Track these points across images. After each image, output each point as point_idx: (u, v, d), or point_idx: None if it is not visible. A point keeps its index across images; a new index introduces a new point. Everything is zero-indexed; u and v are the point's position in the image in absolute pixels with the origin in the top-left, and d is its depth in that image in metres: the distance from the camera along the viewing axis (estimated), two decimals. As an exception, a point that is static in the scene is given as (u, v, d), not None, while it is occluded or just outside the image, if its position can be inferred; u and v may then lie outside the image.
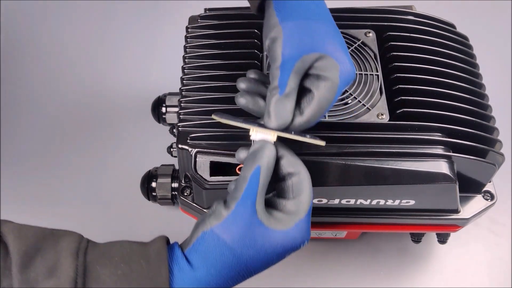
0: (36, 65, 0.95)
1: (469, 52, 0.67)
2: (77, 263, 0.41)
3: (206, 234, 0.44)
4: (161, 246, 0.44)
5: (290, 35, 0.48)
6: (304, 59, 0.47)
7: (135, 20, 1.01)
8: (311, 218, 0.47)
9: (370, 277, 0.74)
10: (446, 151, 0.57)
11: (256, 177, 0.45)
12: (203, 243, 0.44)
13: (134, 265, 0.42)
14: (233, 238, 0.44)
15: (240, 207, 0.44)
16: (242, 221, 0.44)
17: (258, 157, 0.45)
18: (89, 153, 0.85)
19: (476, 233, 0.77)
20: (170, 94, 0.76)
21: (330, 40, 0.49)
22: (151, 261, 0.43)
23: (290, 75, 0.47)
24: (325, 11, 0.51)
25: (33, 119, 0.89)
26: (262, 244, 0.44)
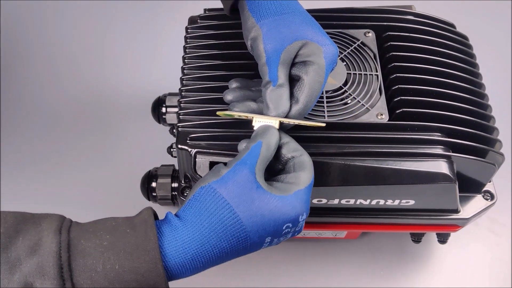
0: (36, 65, 0.95)
1: (469, 52, 0.67)
2: (60, 238, 0.40)
3: (203, 188, 0.44)
4: (147, 215, 0.43)
5: (268, 31, 0.50)
6: (287, 50, 0.49)
7: (135, 20, 1.01)
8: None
9: (370, 277, 0.74)
10: (446, 151, 0.57)
11: (258, 148, 0.46)
12: (199, 198, 0.44)
13: (120, 235, 0.41)
14: (230, 194, 0.43)
15: (239, 166, 0.44)
16: (241, 179, 0.44)
17: (260, 135, 0.47)
18: (89, 153, 0.85)
19: (476, 233, 0.77)
20: (170, 94, 0.76)
21: (308, 27, 0.51)
22: (137, 229, 0.41)
23: (278, 68, 0.49)
24: (296, 4, 0.53)
25: (33, 120, 0.89)
26: (259, 205, 0.43)
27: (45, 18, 1.01)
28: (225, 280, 0.74)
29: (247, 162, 0.45)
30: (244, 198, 0.43)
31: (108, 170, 0.83)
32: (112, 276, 0.39)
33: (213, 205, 0.43)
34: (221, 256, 0.44)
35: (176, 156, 0.65)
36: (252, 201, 0.43)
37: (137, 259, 0.40)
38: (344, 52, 0.64)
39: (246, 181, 0.44)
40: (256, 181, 0.44)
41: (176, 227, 0.43)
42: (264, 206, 0.43)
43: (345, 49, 0.65)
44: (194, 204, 0.44)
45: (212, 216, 0.43)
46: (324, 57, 0.50)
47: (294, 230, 0.46)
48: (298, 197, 0.45)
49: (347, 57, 0.64)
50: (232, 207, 0.43)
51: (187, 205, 0.44)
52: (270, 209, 0.43)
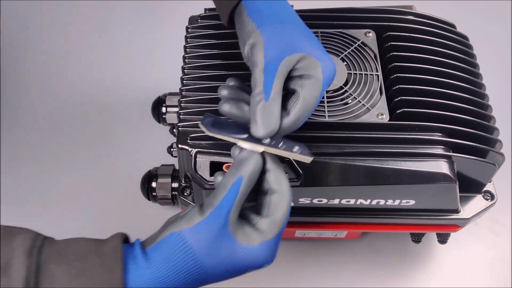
0: (36, 65, 0.95)
1: (469, 52, 0.67)
2: (30, 261, 0.40)
3: (173, 235, 0.43)
4: (117, 243, 0.43)
5: (269, 38, 0.49)
6: (286, 61, 0.48)
7: (135, 20, 1.01)
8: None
9: (370, 277, 0.74)
10: (446, 151, 0.57)
11: (236, 187, 0.44)
12: (169, 244, 0.43)
13: (89, 263, 0.41)
14: (199, 245, 0.43)
15: (213, 216, 0.43)
16: (212, 230, 0.43)
17: (242, 167, 0.45)
18: (89, 153, 0.85)
19: (476, 233, 0.77)
20: (170, 94, 0.76)
21: (307, 40, 0.50)
22: (105, 259, 0.42)
23: (275, 78, 0.47)
24: (294, 14, 0.52)
25: (33, 120, 0.89)
26: (225, 257, 0.44)
27: (45, 18, 1.01)
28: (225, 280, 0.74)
29: (222, 211, 0.44)
30: (213, 250, 0.43)
31: (108, 169, 0.83)
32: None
33: (181, 254, 0.43)
34: None
35: (176, 156, 0.65)
36: (219, 253, 0.44)
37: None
38: (344, 52, 0.64)
39: (218, 232, 0.43)
40: (228, 230, 0.44)
41: (141, 266, 0.43)
42: (230, 257, 0.44)
43: (345, 49, 0.65)
44: (163, 248, 0.43)
45: (178, 264, 0.43)
46: (322, 72, 0.48)
47: None
48: (264, 248, 0.45)
49: (347, 57, 0.64)
50: (199, 258, 0.43)
51: (156, 246, 0.44)
52: (235, 260, 0.44)
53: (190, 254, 0.43)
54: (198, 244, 0.43)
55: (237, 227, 0.45)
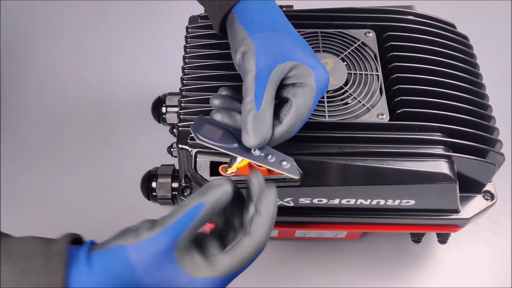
0: (36, 65, 0.95)
1: (469, 52, 0.67)
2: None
3: (118, 247, 0.42)
4: (64, 244, 0.42)
5: (261, 46, 0.48)
6: (278, 69, 0.47)
7: (135, 20, 1.01)
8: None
9: (370, 277, 0.74)
10: (446, 151, 0.57)
11: (194, 213, 0.42)
12: (112, 255, 0.42)
13: (33, 263, 0.41)
14: (140, 263, 0.42)
15: (160, 236, 0.42)
16: (156, 251, 0.42)
17: (207, 193, 0.43)
18: (89, 153, 0.85)
19: (476, 233, 0.77)
20: (170, 94, 0.76)
21: (300, 49, 0.49)
22: (50, 259, 0.41)
23: (266, 87, 0.46)
24: (287, 22, 0.51)
25: (33, 120, 0.89)
26: (164, 280, 0.42)
27: (45, 18, 1.01)
28: None
29: (170, 234, 0.42)
30: (153, 271, 0.42)
31: (108, 169, 0.83)
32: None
33: (121, 268, 0.42)
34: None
35: (176, 156, 0.65)
36: (158, 275, 0.42)
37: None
38: (344, 52, 0.64)
39: (162, 255, 0.42)
40: (172, 255, 0.42)
41: (82, 271, 0.42)
42: (170, 282, 0.42)
43: (345, 49, 0.65)
44: (106, 257, 0.42)
45: (116, 277, 0.42)
46: (315, 80, 0.48)
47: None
48: (209, 284, 0.42)
49: (347, 57, 0.64)
50: (137, 276, 0.42)
51: (100, 254, 0.43)
52: (173, 286, 0.42)
53: (129, 270, 0.42)
54: (140, 261, 0.42)
55: (185, 253, 0.42)
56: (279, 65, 0.47)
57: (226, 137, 0.47)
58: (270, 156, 0.47)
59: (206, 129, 0.47)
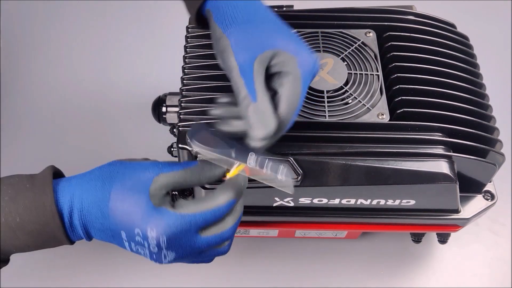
0: (36, 65, 0.95)
1: (469, 52, 0.67)
2: None
3: (114, 162, 0.47)
4: (47, 171, 0.46)
5: (237, 40, 0.47)
6: (259, 60, 0.47)
7: (135, 20, 1.01)
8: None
9: (370, 277, 0.74)
10: (446, 151, 0.57)
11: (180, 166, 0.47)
12: (106, 165, 0.47)
13: (20, 190, 0.44)
14: (121, 179, 0.45)
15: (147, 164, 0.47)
16: (139, 175, 0.45)
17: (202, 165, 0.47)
18: (89, 153, 0.85)
19: (477, 233, 0.77)
20: (170, 94, 0.76)
21: (278, 35, 0.48)
22: (36, 183, 0.44)
23: (254, 78, 0.46)
24: (265, 11, 0.50)
25: (33, 120, 0.89)
26: (127, 194, 0.44)
27: (45, 18, 1.01)
28: (225, 280, 0.74)
29: (158, 167, 0.46)
30: (126, 185, 0.45)
31: (108, 169, 0.83)
32: (14, 226, 0.43)
33: (105, 173, 0.46)
34: (90, 220, 0.45)
35: (176, 155, 0.65)
36: (128, 190, 0.44)
37: (35, 212, 0.43)
38: (345, 52, 0.64)
39: (141, 178, 0.45)
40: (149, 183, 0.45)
41: (74, 178, 0.46)
42: (132, 201, 0.44)
43: (346, 49, 0.65)
44: (98, 168, 0.47)
45: (97, 179, 0.45)
46: (299, 66, 0.47)
47: (149, 249, 0.44)
48: (159, 214, 0.44)
49: (348, 57, 0.64)
50: (113, 183, 0.45)
51: (96, 167, 0.47)
52: (131, 206, 0.44)
53: (112, 174, 0.46)
54: (123, 173, 0.46)
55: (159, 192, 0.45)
56: (259, 55, 0.46)
57: (222, 144, 0.46)
58: (265, 163, 0.46)
59: (202, 137, 0.47)
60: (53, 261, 0.75)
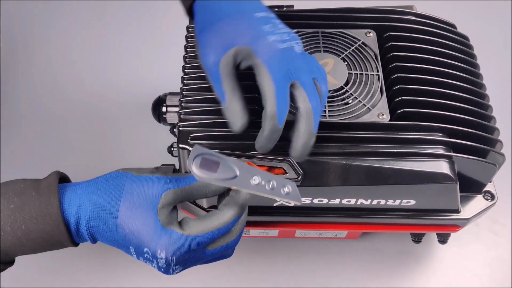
0: (36, 65, 0.95)
1: (469, 52, 0.67)
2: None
3: (119, 172, 0.47)
4: (52, 179, 0.46)
5: (203, 45, 0.49)
6: (223, 61, 0.48)
7: (135, 20, 1.01)
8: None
9: (370, 277, 0.74)
10: (446, 151, 0.57)
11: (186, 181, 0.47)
12: (108, 174, 0.47)
13: (26, 198, 0.44)
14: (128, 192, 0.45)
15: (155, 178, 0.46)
16: (146, 189, 0.45)
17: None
18: (89, 153, 0.85)
19: (477, 233, 0.77)
20: (170, 93, 0.76)
21: (241, 29, 0.48)
22: (41, 192, 0.44)
23: (222, 82, 0.48)
24: (233, 5, 0.50)
25: (33, 120, 0.89)
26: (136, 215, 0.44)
27: (45, 19, 1.01)
28: (225, 280, 0.74)
29: (166, 182, 0.46)
30: (134, 203, 0.45)
31: (108, 169, 0.83)
32: (20, 234, 0.44)
33: (112, 187, 0.46)
34: (98, 231, 0.46)
35: (176, 155, 0.65)
36: (136, 208, 0.45)
37: (41, 222, 0.44)
38: (345, 52, 0.64)
39: (149, 194, 0.45)
40: (157, 201, 0.45)
41: (79, 187, 0.46)
42: (140, 220, 0.44)
43: (346, 49, 0.65)
44: (104, 178, 0.47)
45: (105, 192, 0.45)
46: (259, 56, 0.47)
47: (157, 265, 0.45)
48: (168, 236, 0.44)
49: (348, 57, 0.64)
50: (121, 200, 0.45)
51: (101, 176, 0.47)
52: (140, 226, 0.44)
53: (119, 188, 0.45)
54: (130, 188, 0.45)
55: (166, 207, 0.45)
56: (223, 57, 0.48)
57: (224, 169, 0.46)
58: (271, 183, 0.46)
59: (204, 163, 0.46)
60: (53, 262, 0.74)
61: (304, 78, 0.49)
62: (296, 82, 0.48)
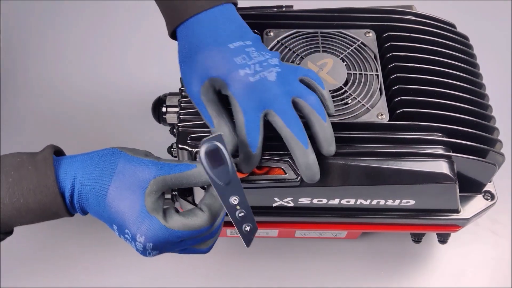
0: (36, 65, 0.95)
1: (469, 52, 0.67)
2: None
3: (115, 149, 0.49)
4: (48, 152, 0.47)
5: (185, 74, 0.52)
6: (203, 90, 0.51)
7: (135, 20, 1.01)
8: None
9: (370, 277, 0.74)
10: (446, 151, 0.57)
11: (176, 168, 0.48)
12: (101, 151, 0.49)
13: (24, 172, 0.46)
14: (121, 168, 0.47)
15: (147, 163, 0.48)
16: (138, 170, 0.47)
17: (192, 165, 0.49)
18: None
19: (477, 233, 0.77)
20: (170, 94, 0.76)
21: (220, 63, 0.50)
22: (38, 166, 0.46)
23: (207, 108, 0.51)
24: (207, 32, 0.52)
25: (33, 120, 0.89)
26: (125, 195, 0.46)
27: (45, 18, 1.01)
28: (225, 280, 0.74)
29: (157, 168, 0.47)
30: (124, 184, 0.46)
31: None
32: (19, 206, 0.45)
33: (106, 164, 0.47)
34: (87, 205, 0.47)
35: (176, 156, 0.65)
36: (125, 190, 0.46)
37: (39, 194, 0.45)
38: (344, 52, 0.64)
39: (139, 178, 0.47)
40: (146, 185, 0.46)
41: (76, 161, 0.48)
42: (127, 202, 0.46)
43: (345, 49, 0.65)
44: (99, 153, 0.48)
45: (98, 168, 0.47)
46: (230, 89, 0.50)
47: (135, 246, 0.47)
48: (151, 224, 0.46)
49: (347, 57, 0.64)
50: (112, 178, 0.47)
51: (97, 150, 0.49)
52: (126, 207, 0.46)
53: (112, 166, 0.47)
54: (123, 168, 0.47)
55: (153, 195, 0.47)
56: (201, 87, 0.51)
57: (221, 172, 0.47)
58: (241, 214, 0.48)
59: (211, 153, 0.46)
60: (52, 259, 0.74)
61: (279, 105, 0.50)
62: (271, 111, 0.50)
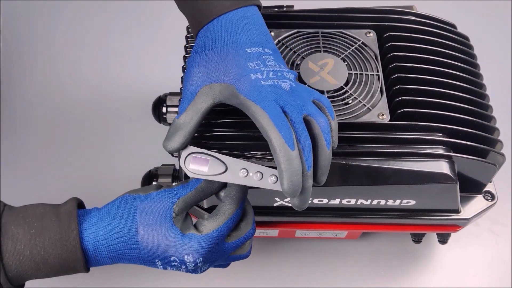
0: (36, 65, 0.95)
1: (469, 52, 0.67)
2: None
3: (128, 196, 0.49)
4: (72, 206, 0.48)
5: (192, 65, 0.51)
6: (203, 89, 0.50)
7: (135, 20, 1.01)
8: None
9: (371, 277, 0.74)
10: (446, 151, 0.57)
11: (194, 184, 0.50)
12: (121, 201, 0.48)
13: (46, 223, 0.46)
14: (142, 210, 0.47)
15: (165, 194, 0.48)
16: (159, 205, 0.48)
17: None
18: (90, 153, 0.85)
19: (477, 233, 0.78)
20: (170, 94, 0.76)
21: (231, 67, 0.49)
22: (61, 218, 0.46)
23: (193, 100, 0.50)
24: (220, 36, 0.51)
25: (33, 120, 0.89)
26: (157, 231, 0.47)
27: (45, 18, 1.01)
28: (226, 280, 0.74)
29: (174, 193, 0.49)
30: (150, 220, 0.47)
31: (109, 170, 0.83)
32: (38, 259, 0.45)
33: (125, 211, 0.48)
34: (119, 254, 0.48)
35: (176, 155, 0.65)
36: (153, 224, 0.47)
37: (60, 247, 0.45)
38: (345, 52, 0.64)
39: (162, 208, 0.48)
40: (171, 212, 0.48)
41: (92, 216, 0.48)
42: (161, 234, 0.47)
43: (346, 49, 0.65)
44: (114, 204, 0.48)
45: (119, 218, 0.47)
46: (241, 93, 0.48)
47: (186, 268, 0.48)
48: (191, 241, 0.47)
49: (348, 57, 0.64)
50: (137, 220, 0.47)
51: (110, 203, 0.49)
52: (163, 239, 0.47)
53: (132, 214, 0.47)
54: (142, 209, 0.47)
55: (180, 214, 0.48)
56: (201, 89, 0.50)
57: (214, 165, 0.50)
58: (258, 174, 0.49)
59: (195, 161, 0.50)
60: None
61: (291, 115, 0.46)
62: (288, 117, 0.47)
